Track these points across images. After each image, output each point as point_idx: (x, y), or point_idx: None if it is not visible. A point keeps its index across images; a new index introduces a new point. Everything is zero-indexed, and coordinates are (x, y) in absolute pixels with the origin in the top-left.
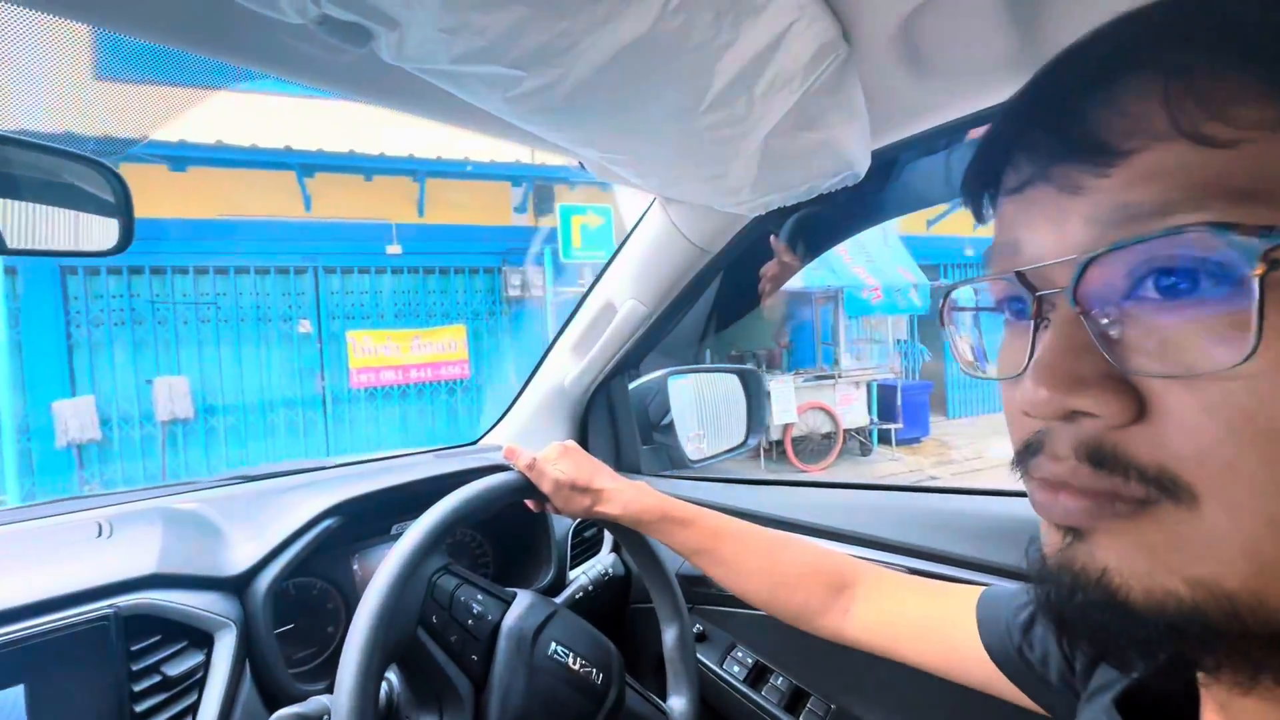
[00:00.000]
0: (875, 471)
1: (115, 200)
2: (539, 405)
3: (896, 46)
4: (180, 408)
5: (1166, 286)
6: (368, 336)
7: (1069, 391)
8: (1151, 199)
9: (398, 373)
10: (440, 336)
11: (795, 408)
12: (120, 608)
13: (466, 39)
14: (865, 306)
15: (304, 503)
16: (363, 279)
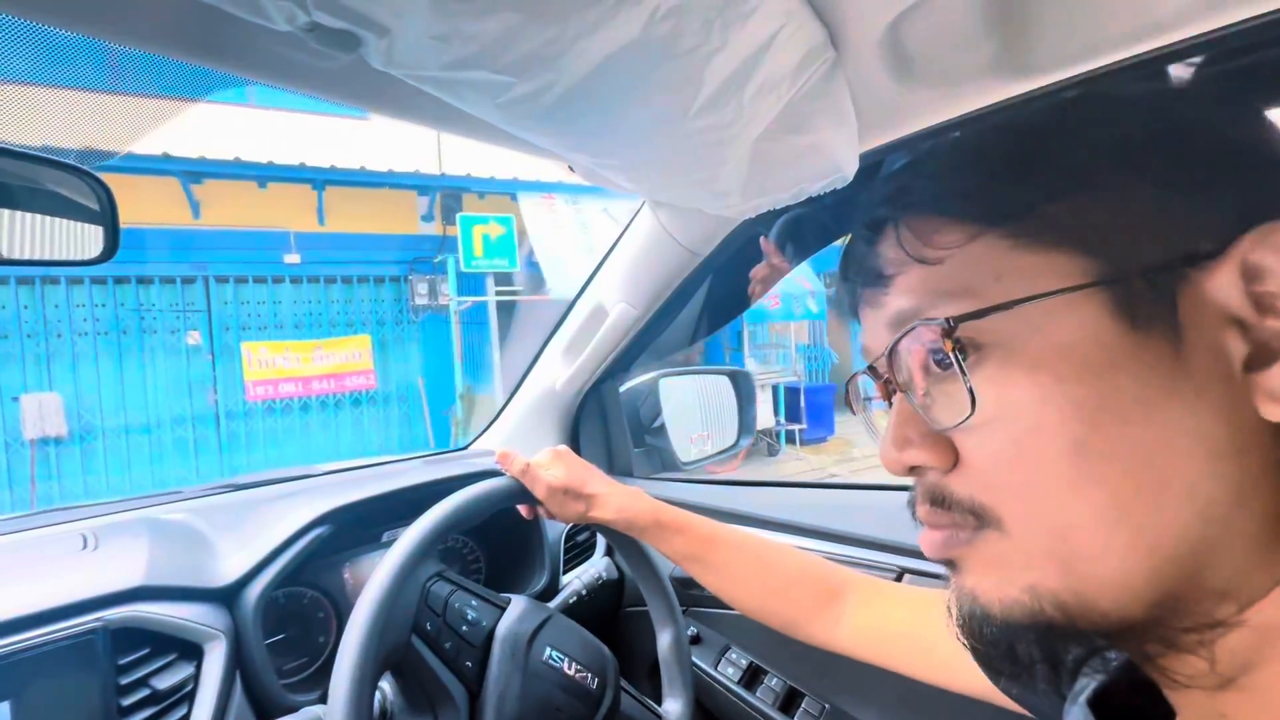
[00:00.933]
0: (781, 470)
1: (100, 207)
2: (530, 409)
3: (883, 51)
4: (52, 426)
5: (938, 361)
6: (264, 348)
7: (900, 450)
8: (909, 305)
9: (298, 384)
10: (344, 347)
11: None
12: (108, 620)
13: (457, 46)
14: (764, 314)
15: (293, 511)
16: (259, 289)
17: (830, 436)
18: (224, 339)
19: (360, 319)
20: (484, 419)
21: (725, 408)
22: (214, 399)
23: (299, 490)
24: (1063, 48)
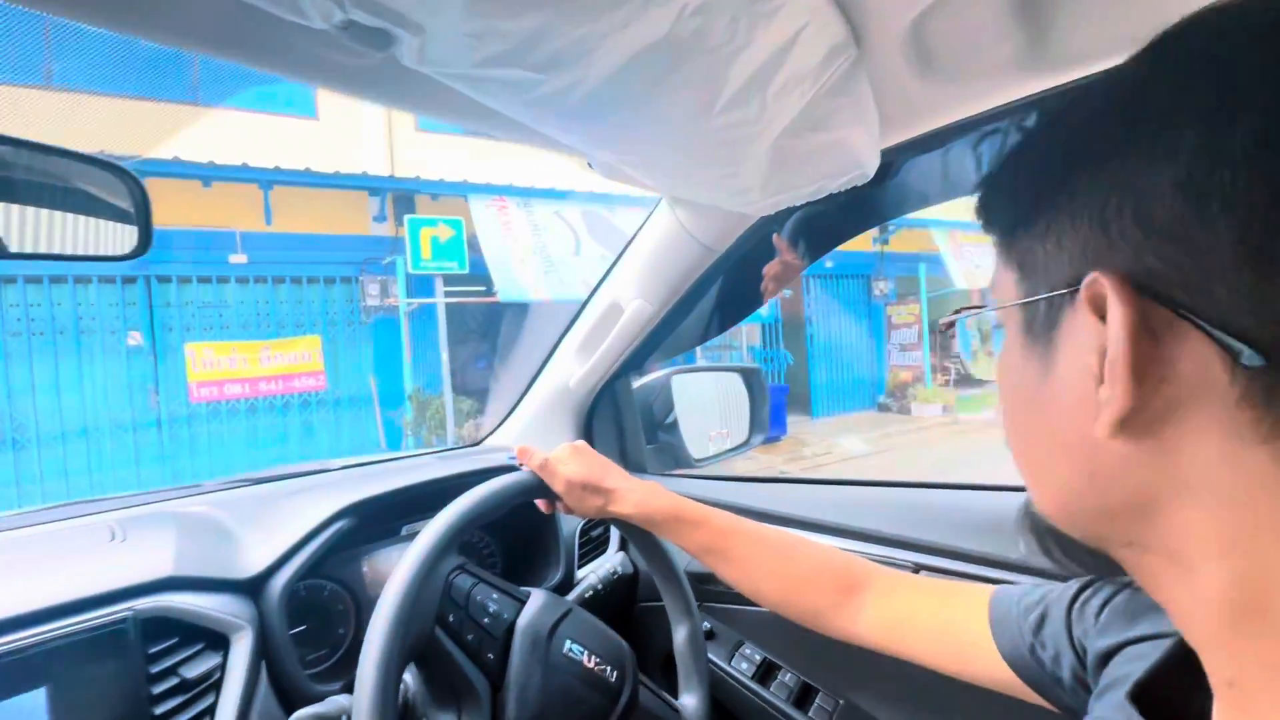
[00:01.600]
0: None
1: (133, 204)
2: (544, 405)
3: (905, 48)
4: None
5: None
6: (209, 349)
7: None
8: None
9: (245, 386)
10: (293, 348)
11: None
12: (138, 610)
13: (490, 43)
14: None
15: (315, 505)
16: (203, 289)
17: (784, 436)
18: (167, 340)
19: (310, 320)
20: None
21: (738, 405)
22: (156, 401)
23: (317, 484)
24: (1087, 42)
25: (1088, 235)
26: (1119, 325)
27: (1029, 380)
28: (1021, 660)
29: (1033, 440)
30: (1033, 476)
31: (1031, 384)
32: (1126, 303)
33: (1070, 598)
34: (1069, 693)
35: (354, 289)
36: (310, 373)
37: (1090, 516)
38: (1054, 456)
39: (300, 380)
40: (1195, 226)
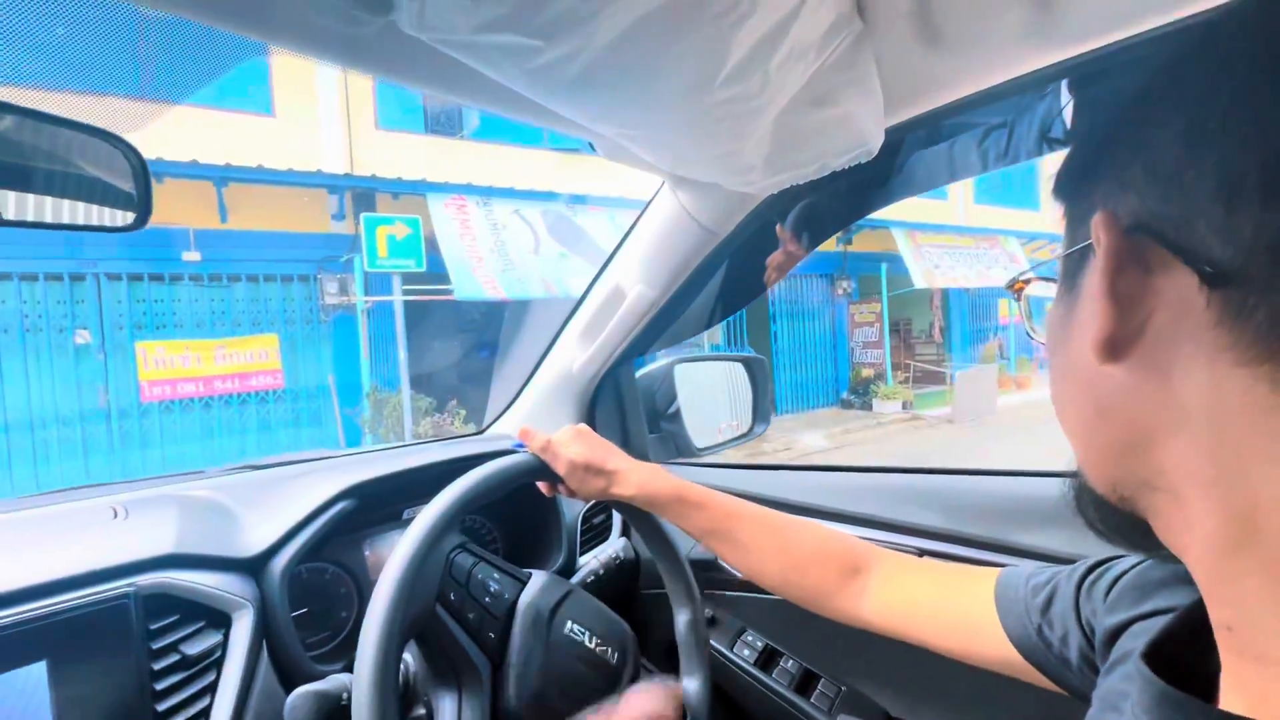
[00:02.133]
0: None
1: (132, 173)
2: (546, 392)
3: (911, 21)
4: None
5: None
6: (161, 347)
7: None
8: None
9: (198, 384)
10: (249, 346)
11: None
12: (140, 586)
13: (488, 6)
14: None
15: (317, 487)
16: (155, 287)
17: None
18: (117, 338)
19: (268, 318)
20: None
21: (740, 394)
22: (105, 399)
23: (320, 469)
24: (1094, 16)
25: (1108, 191)
26: (1101, 253)
27: (1059, 326)
28: (1028, 641)
29: (1060, 384)
30: (1064, 423)
31: (1059, 329)
32: (1110, 232)
33: (1080, 577)
34: (1076, 674)
35: (313, 287)
36: (267, 371)
37: (1106, 455)
38: (1073, 394)
39: (257, 378)
40: (1187, 169)
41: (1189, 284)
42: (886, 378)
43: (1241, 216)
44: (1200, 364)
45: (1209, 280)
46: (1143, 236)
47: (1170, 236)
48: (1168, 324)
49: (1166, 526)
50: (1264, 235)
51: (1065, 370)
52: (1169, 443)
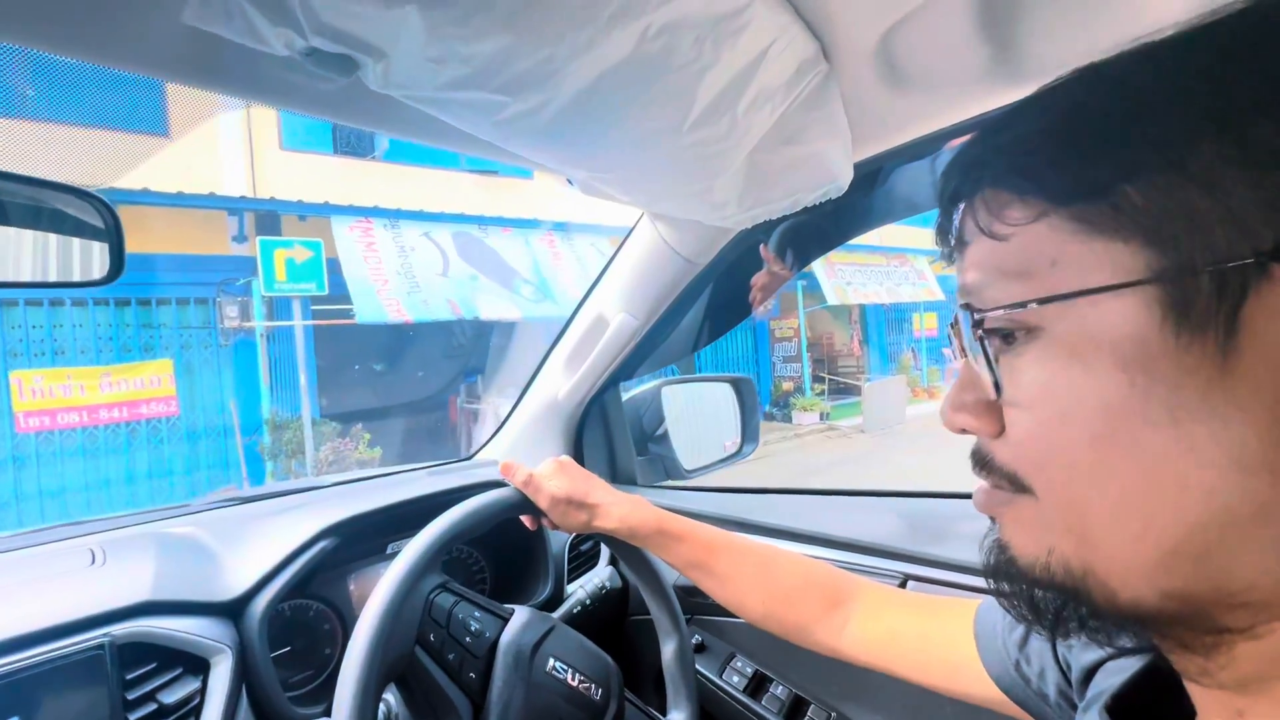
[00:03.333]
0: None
1: (105, 228)
2: (533, 419)
3: (875, 62)
4: None
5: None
6: (39, 376)
7: (955, 412)
8: (974, 279)
9: (82, 414)
10: (138, 373)
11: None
12: (115, 636)
13: (452, 67)
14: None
15: (299, 524)
16: (33, 312)
17: None
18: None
19: (162, 343)
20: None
21: (728, 415)
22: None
23: (304, 503)
24: (1053, 55)
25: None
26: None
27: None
28: (1007, 677)
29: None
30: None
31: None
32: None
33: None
34: (1055, 709)
35: (211, 310)
36: (160, 398)
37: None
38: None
39: (148, 406)
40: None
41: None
42: (805, 390)
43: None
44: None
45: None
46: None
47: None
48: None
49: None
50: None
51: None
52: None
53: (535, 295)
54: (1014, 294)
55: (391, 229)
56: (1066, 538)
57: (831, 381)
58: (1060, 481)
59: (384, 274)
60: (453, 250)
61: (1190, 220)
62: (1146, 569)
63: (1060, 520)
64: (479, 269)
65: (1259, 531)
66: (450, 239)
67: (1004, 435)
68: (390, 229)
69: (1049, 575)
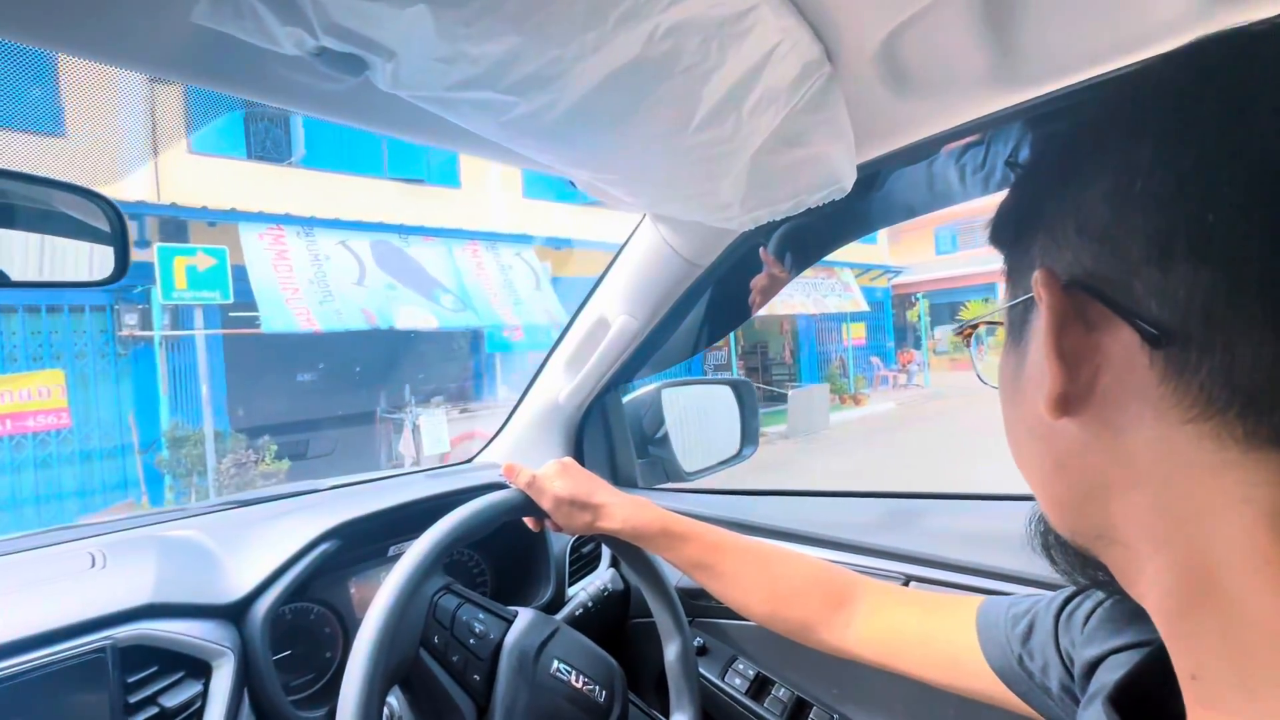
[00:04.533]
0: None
1: (110, 229)
2: (533, 421)
3: (878, 65)
4: None
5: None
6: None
7: None
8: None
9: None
10: (25, 383)
11: (449, 438)
12: (116, 639)
13: (461, 68)
14: (506, 344)
15: (300, 527)
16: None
17: None
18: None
19: (51, 352)
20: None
21: (728, 417)
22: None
23: (304, 505)
24: (1055, 58)
25: (1045, 245)
26: (1045, 311)
27: (1011, 379)
28: (1010, 671)
29: (1017, 436)
30: (1023, 473)
31: (1012, 382)
32: (1051, 291)
33: (1058, 607)
34: (1058, 703)
35: (108, 318)
36: (50, 410)
37: (1066, 508)
38: (1030, 447)
39: (36, 418)
40: (1117, 229)
41: (1131, 342)
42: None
43: (1175, 277)
44: (1148, 421)
45: (1150, 339)
46: (1083, 294)
47: (1109, 295)
48: (1114, 381)
49: (1124, 576)
50: (1197, 296)
51: (1020, 422)
52: (1123, 498)
53: (456, 305)
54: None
55: (305, 237)
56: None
57: (763, 390)
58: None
59: (295, 282)
60: (370, 259)
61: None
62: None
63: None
64: (397, 278)
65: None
66: (368, 247)
67: None
68: (304, 236)
69: (1040, 520)
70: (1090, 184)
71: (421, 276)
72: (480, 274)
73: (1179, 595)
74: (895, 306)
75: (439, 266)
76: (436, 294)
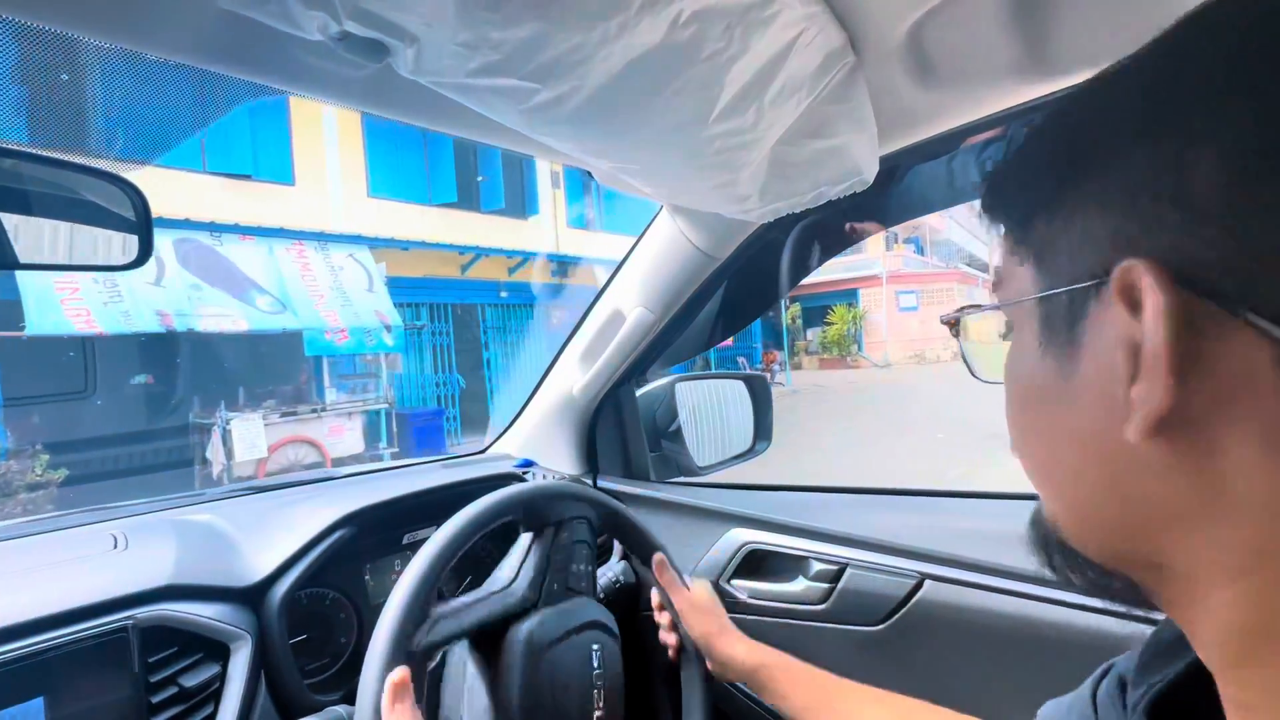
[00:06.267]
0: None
1: (135, 214)
2: (547, 413)
3: (903, 54)
4: None
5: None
6: None
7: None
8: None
9: None
10: None
11: (266, 444)
12: (138, 619)
13: (483, 53)
14: (328, 347)
15: (317, 513)
16: None
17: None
18: None
19: None
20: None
21: (742, 412)
22: None
23: (319, 493)
24: (1085, 48)
25: (1119, 221)
26: (1158, 318)
27: (1047, 381)
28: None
29: (1049, 446)
30: (1047, 485)
31: (1050, 384)
32: (1166, 292)
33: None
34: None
35: None
36: None
37: (1109, 530)
38: (1073, 463)
39: None
40: (1240, 206)
41: (1253, 350)
42: None
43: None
44: (1254, 443)
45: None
46: (1192, 293)
47: (1232, 294)
48: (1221, 397)
49: (1171, 604)
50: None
51: (1061, 437)
52: (1197, 528)
53: (274, 306)
54: (998, 295)
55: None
56: (1053, 503)
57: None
58: (1031, 462)
59: (74, 280)
60: (172, 258)
61: (1060, 248)
62: (1075, 530)
63: (1042, 488)
64: (203, 278)
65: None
66: (171, 246)
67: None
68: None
69: (1052, 527)
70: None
71: (235, 277)
72: (306, 275)
73: (1246, 634)
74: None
75: (256, 267)
76: (251, 295)
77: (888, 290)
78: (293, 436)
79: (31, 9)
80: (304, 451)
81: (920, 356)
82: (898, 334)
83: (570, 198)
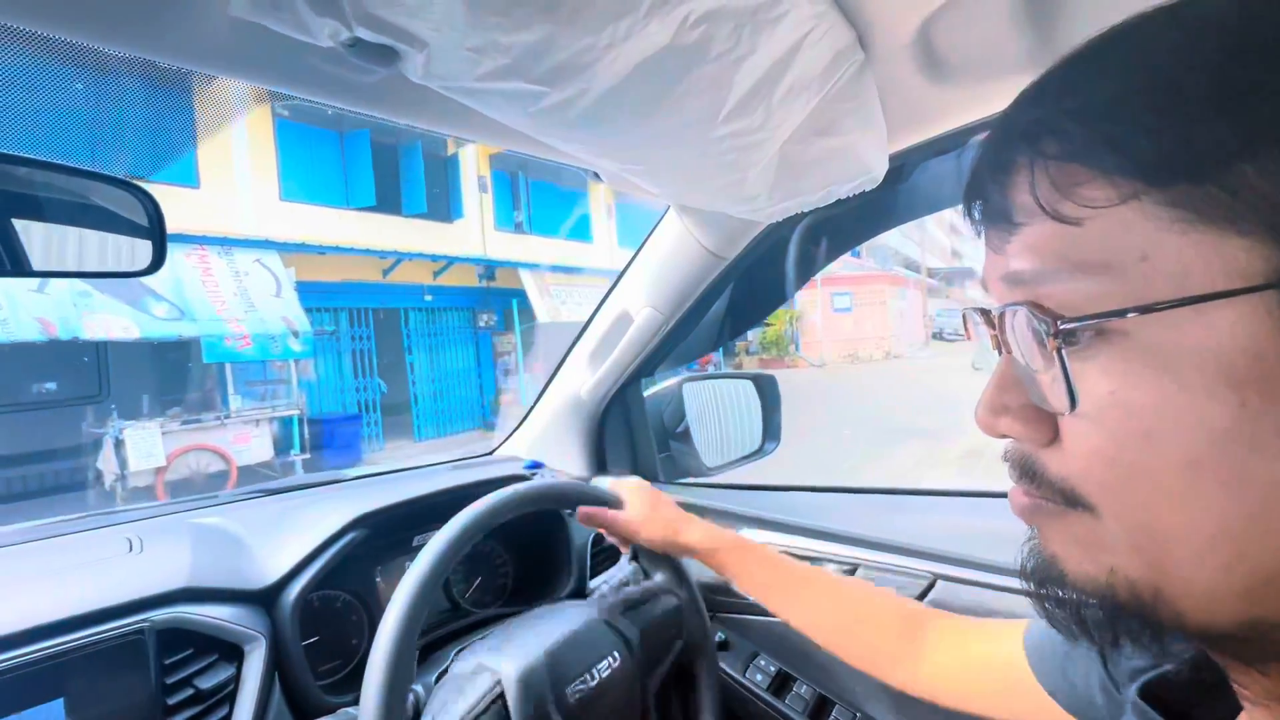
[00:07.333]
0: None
1: (148, 221)
2: (555, 414)
3: (912, 52)
4: None
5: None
6: None
7: (995, 416)
8: (1031, 268)
9: None
10: None
11: (164, 452)
12: (155, 622)
13: (492, 57)
14: (229, 354)
15: (328, 515)
16: None
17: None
18: None
19: None
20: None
21: (750, 413)
22: None
23: (331, 495)
24: None
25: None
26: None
27: (1275, 410)
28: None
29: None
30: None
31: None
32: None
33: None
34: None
35: None
36: None
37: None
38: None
39: None
40: None
41: None
42: (523, 401)
43: None
44: None
45: None
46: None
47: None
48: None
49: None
50: None
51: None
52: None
53: (171, 313)
54: (1087, 290)
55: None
56: (1133, 559)
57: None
58: (1135, 505)
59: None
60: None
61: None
62: (1230, 597)
63: (1127, 541)
64: (94, 284)
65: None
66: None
67: (1058, 445)
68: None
69: (1108, 593)
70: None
71: (128, 283)
72: (207, 280)
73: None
74: None
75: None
76: (145, 302)
77: (823, 292)
78: (194, 444)
79: (45, 21)
80: (207, 460)
81: (854, 356)
82: (833, 334)
83: (498, 201)
